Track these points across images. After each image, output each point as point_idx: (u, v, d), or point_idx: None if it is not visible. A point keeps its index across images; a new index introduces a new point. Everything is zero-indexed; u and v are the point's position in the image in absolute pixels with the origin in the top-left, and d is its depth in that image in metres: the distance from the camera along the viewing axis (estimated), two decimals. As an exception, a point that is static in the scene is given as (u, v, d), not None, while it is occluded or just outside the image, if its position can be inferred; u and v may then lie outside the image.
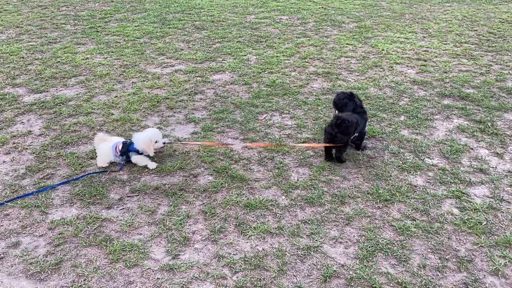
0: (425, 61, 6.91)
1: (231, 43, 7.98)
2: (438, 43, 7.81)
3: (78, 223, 3.40)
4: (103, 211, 3.56)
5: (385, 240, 3.18)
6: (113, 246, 3.16)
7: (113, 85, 6.06)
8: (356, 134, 4.17)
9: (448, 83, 6.00)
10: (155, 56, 7.29)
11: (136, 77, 6.36)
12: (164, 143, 4.15)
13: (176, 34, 8.56)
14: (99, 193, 3.76)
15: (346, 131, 3.96)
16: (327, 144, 4.09)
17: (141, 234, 3.30)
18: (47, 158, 4.30)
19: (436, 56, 7.13)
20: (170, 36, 8.43)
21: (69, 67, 6.73)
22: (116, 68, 6.70)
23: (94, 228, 3.35)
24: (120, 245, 3.17)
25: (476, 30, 8.64)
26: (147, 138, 4.03)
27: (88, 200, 3.67)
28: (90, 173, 4.04)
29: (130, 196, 3.73)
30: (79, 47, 7.77)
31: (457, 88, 5.81)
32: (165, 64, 6.90)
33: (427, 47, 7.59)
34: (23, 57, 7.17)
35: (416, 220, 3.38)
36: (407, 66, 6.72)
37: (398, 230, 3.28)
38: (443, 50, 7.46)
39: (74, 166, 4.16)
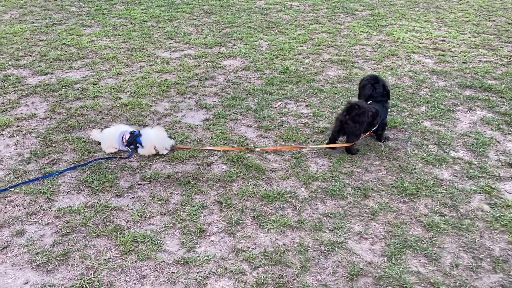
0: (443, 50, 6.67)
1: (241, 28, 7.73)
2: (455, 33, 7.56)
3: (87, 212, 3.21)
4: (112, 199, 3.37)
5: (413, 237, 2.99)
6: (124, 236, 2.97)
7: (121, 68, 5.84)
8: (376, 125, 3.97)
9: (468, 74, 5.78)
10: (163, 40, 7.05)
11: (144, 61, 6.13)
12: (171, 145, 3.95)
13: (184, 18, 8.31)
14: (108, 180, 3.56)
15: (357, 119, 3.74)
16: (345, 145, 3.89)
17: (153, 224, 3.11)
18: (53, 143, 4.10)
19: (454, 46, 6.89)
20: (178, 20, 8.17)
21: (75, 49, 6.50)
22: (123, 52, 6.47)
23: (104, 217, 3.16)
24: (132, 236, 2.98)
25: (493, 21, 8.38)
26: (151, 144, 3.84)
27: (97, 188, 3.47)
28: (98, 159, 3.85)
29: (140, 184, 3.54)
30: (84, 29, 7.53)
31: (478, 79, 5.59)
32: (174, 49, 6.67)
33: (444, 37, 7.34)
34: (27, 38, 6.94)
35: (445, 216, 3.19)
36: (424, 55, 6.48)
37: (427, 226, 3.09)
38: (460, 40, 7.21)
39: (81, 151, 3.96)
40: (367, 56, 6.43)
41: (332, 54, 6.47)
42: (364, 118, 3.74)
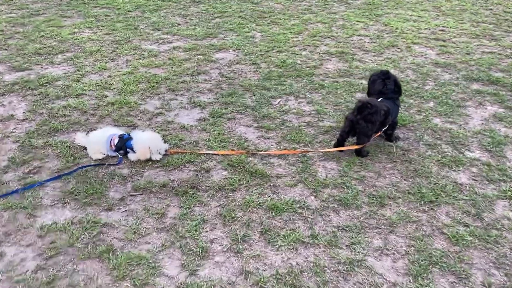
0: (444, 41, 6.40)
1: (232, 18, 7.34)
2: (454, 22, 7.30)
3: (73, 229, 2.86)
4: (102, 213, 3.02)
5: (439, 252, 2.72)
6: (117, 259, 2.64)
7: (106, 63, 5.43)
8: (388, 125, 3.68)
9: (473, 66, 5.51)
10: (150, 31, 6.63)
11: (131, 54, 5.73)
12: (166, 150, 3.61)
13: (171, 8, 7.88)
14: (97, 191, 3.20)
15: (369, 118, 3.45)
16: (355, 147, 3.59)
17: (149, 243, 2.78)
18: (34, 148, 3.71)
19: (454, 36, 6.62)
20: (165, 10, 7.75)
21: (55, 42, 6.05)
22: (108, 44, 6.04)
23: (93, 236, 2.82)
24: (126, 258, 2.64)
25: (491, 9, 8.14)
26: (146, 146, 3.48)
27: (84, 200, 3.12)
28: (85, 166, 3.48)
29: (133, 195, 3.19)
30: (65, 20, 7.05)
31: (484, 72, 5.33)
32: (162, 41, 6.27)
33: (443, 26, 7.07)
34: (2, 30, 6.45)
35: (470, 227, 2.92)
36: (425, 46, 6.20)
37: (452, 239, 2.82)
38: (460, 29, 6.95)
39: (66, 158, 3.59)
40: (366, 47, 6.13)
41: (330, 46, 6.15)
42: (377, 117, 3.44)
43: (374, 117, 3.43)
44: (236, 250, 2.72)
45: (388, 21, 7.26)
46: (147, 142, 3.52)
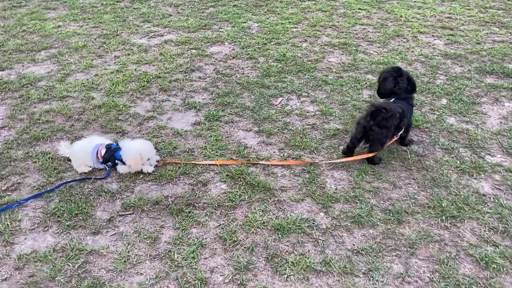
0: (451, 29, 6.05)
1: (227, 7, 6.94)
2: (460, 8, 6.93)
3: (56, 259, 2.54)
4: (88, 238, 2.70)
5: (467, 278, 2.42)
6: (105, 295, 2.33)
7: (92, 60, 5.05)
8: (403, 128, 3.36)
9: (485, 57, 5.18)
10: (139, 23, 6.23)
11: (119, 50, 5.35)
12: (157, 160, 3.27)
13: (161, -3, 7.46)
14: (82, 211, 2.88)
15: (384, 124, 3.12)
16: (368, 155, 3.26)
17: (141, 273, 2.47)
18: (12, 161, 3.37)
19: (462, 24, 6.27)
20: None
21: (38, 38, 5.65)
22: (95, 39, 5.65)
23: (78, 266, 2.50)
24: (115, 293, 2.33)
25: (498, -7, 7.77)
26: (137, 154, 3.13)
27: (68, 222, 2.79)
28: (68, 182, 3.14)
29: (122, 215, 2.87)
30: (49, 12, 6.63)
31: (497, 63, 5.00)
32: (152, 34, 5.88)
33: (449, 13, 6.71)
34: (-19, 25, 6.04)
35: (499, 247, 2.62)
36: (432, 35, 5.85)
37: (480, 262, 2.52)
38: (468, 16, 6.59)
39: (48, 171, 3.25)
40: (370, 38, 5.77)
41: (332, 36, 5.78)
42: (392, 121, 3.12)
43: (389, 122, 3.11)
44: (239, 282, 2.41)
45: (392, 8, 6.88)
46: (138, 149, 3.18)
